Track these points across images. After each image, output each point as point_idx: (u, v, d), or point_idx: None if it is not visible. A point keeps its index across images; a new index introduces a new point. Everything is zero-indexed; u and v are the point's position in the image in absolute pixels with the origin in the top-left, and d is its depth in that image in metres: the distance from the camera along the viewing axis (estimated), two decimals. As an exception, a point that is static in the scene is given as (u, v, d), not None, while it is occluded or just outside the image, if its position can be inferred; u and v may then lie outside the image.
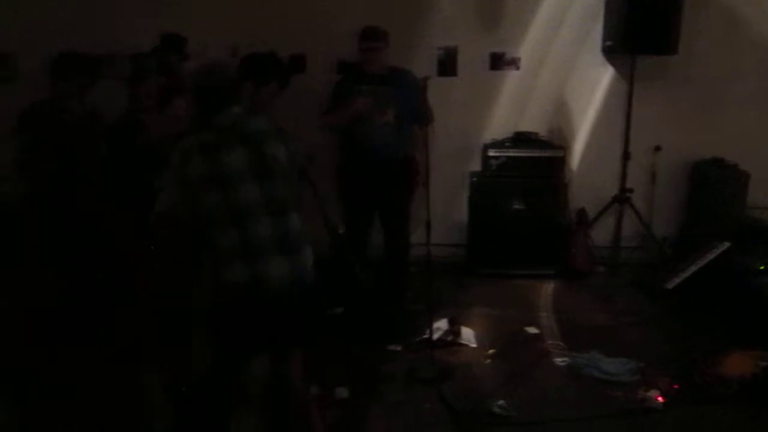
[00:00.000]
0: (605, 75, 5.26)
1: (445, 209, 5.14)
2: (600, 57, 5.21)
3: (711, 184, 5.08)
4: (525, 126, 5.24)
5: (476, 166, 5.22)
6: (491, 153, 5.05)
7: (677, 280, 4.60)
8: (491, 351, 3.92)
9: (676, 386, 3.40)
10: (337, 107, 4.12)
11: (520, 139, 5.13)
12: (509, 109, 5.31)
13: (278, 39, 5.02)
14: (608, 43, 5.01)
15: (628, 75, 4.99)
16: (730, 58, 5.14)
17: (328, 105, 4.24)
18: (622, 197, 5.11)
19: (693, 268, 4.61)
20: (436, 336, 3.83)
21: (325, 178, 4.26)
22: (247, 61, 3.39)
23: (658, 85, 5.15)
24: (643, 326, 4.25)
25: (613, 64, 5.22)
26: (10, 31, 5.00)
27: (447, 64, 5.19)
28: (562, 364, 3.76)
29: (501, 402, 3.28)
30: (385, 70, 4.11)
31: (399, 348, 3.91)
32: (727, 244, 4.61)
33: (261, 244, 2.33)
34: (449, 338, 3.99)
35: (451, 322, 4.06)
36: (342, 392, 3.40)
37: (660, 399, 3.31)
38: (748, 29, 5.11)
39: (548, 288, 4.94)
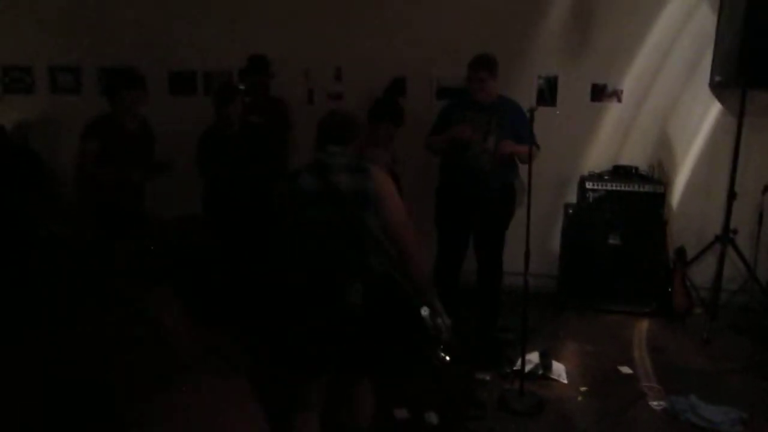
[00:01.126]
0: (712, 110, 5.08)
1: (538, 239, 5.05)
2: (707, 91, 5.05)
3: (824, 228, 4.82)
4: (624, 160, 5.14)
5: (572, 197, 5.14)
6: (588, 185, 4.96)
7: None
8: (583, 388, 3.83)
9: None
10: (440, 130, 4.19)
11: (619, 172, 5.03)
12: (608, 142, 5.21)
13: (380, 62, 5.20)
14: (717, 78, 4.86)
15: (737, 110, 4.80)
16: None
17: (432, 127, 4.31)
18: (726, 237, 4.90)
19: (801, 317, 4.38)
20: (527, 368, 3.78)
21: (424, 200, 4.36)
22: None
23: (771, 122, 4.95)
24: (746, 374, 4.04)
25: (720, 98, 5.05)
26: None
27: (547, 93, 5.16)
28: (657, 407, 3.64)
29: (594, 442, 3.20)
30: (492, 99, 4.13)
31: (488, 377, 3.88)
32: (840, 294, 4.35)
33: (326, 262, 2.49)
34: (540, 372, 3.93)
35: (543, 356, 4.00)
36: (432, 417, 3.40)
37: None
38: None
39: (642, 326, 4.78)
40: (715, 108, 5.09)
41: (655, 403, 3.67)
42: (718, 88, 4.99)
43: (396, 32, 5.18)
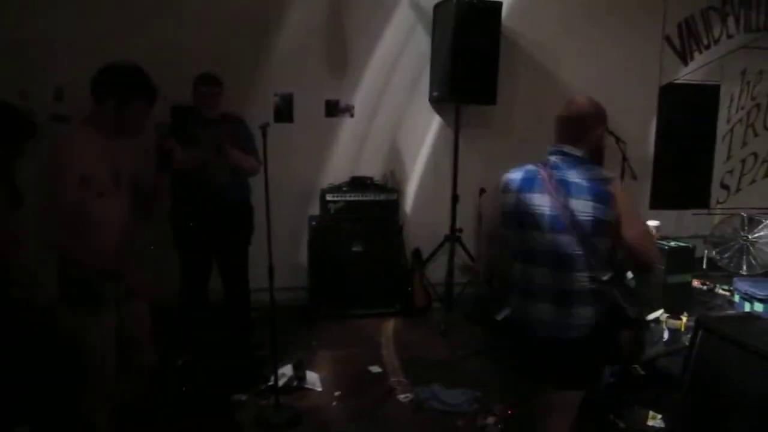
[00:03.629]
0: (434, 122, 5.63)
1: (286, 252, 5.15)
2: (428, 106, 5.58)
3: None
4: (361, 171, 5.43)
5: (315, 210, 5.30)
6: (329, 197, 5.15)
7: (505, 312, 4.92)
8: (337, 393, 3.94)
9: (510, 411, 3.63)
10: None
11: (356, 183, 5.30)
12: (345, 155, 5.47)
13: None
14: (435, 93, 5.38)
15: (453, 123, 5.35)
16: (539, 108, 5.69)
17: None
18: (453, 236, 5.41)
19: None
20: (281, 382, 3.79)
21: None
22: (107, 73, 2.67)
23: (481, 132, 5.61)
24: (478, 358, 4.49)
25: (439, 112, 5.61)
26: None
27: (283, 111, 5.26)
28: (405, 399, 3.87)
29: (349, 443, 3.30)
30: (218, 115, 4.11)
31: (244, 397, 3.82)
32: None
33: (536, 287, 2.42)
34: (294, 383, 3.96)
35: (296, 367, 4.04)
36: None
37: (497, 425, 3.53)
38: (552, 83, 5.76)
39: (389, 326, 5.09)
40: (436, 121, 5.64)
41: (403, 396, 3.91)
42: (436, 103, 5.53)
43: (122, 47, 4.88)
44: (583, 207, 2.33)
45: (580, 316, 2.35)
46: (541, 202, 2.41)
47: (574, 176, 2.39)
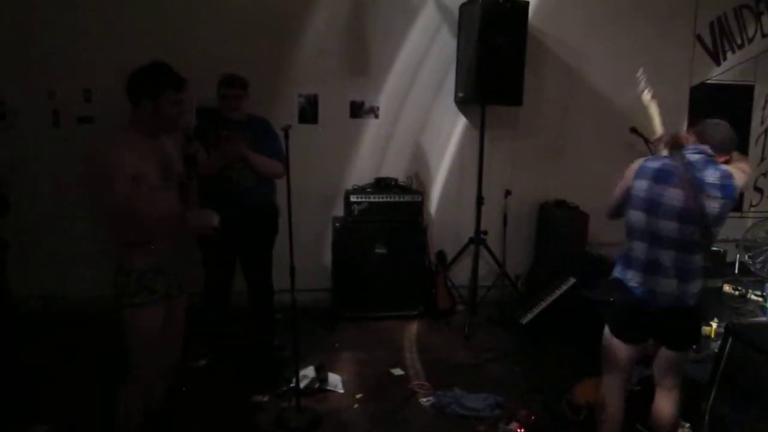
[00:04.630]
0: (459, 123, 5.58)
1: (310, 254, 5.17)
2: (453, 107, 5.53)
3: (555, 224, 5.50)
4: (385, 172, 5.41)
5: (339, 211, 5.29)
6: (353, 198, 5.12)
7: (530, 316, 4.89)
8: (358, 396, 3.92)
9: (533, 417, 3.58)
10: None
11: (381, 184, 5.28)
12: (370, 156, 5.46)
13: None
14: (460, 94, 5.33)
15: (479, 124, 5.30)
16: (566, 109, 5.65)
17: None
18: (478, 239, 5.36)
19: (543, 304, 4.92)
20: (303, 384, 3.79)
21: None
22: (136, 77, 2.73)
23: (507, 133, 5.56)
24: (502, 361, 4.45)
25: (465, 113, 5.56)
26: None
27: (308, 112, 5.27)
28: (427, 403, 3.84)
29: (370, 446, 3.28)
30: (243, 117, 4.11)
31: (265, 398, 3.82)
32: (573, 280, 4.95)
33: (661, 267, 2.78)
34: (316, 385, 3.95)
35: (318, 369, 4.03)
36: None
37: (520, 430, 3.47)
38: (579, 83, 5.67)
39: (412, 328, 5.06)
40: (461, 122, 5.58)
41: (424, 399, 3.88)
42: (461, 104, 5.48)
43: (149, 50, 4.92)
44: (713, 204, 2.65)
45: (693, 289, 2.79)
46: (674, 195, 2.68)
47: (708, 176, 2.68)
